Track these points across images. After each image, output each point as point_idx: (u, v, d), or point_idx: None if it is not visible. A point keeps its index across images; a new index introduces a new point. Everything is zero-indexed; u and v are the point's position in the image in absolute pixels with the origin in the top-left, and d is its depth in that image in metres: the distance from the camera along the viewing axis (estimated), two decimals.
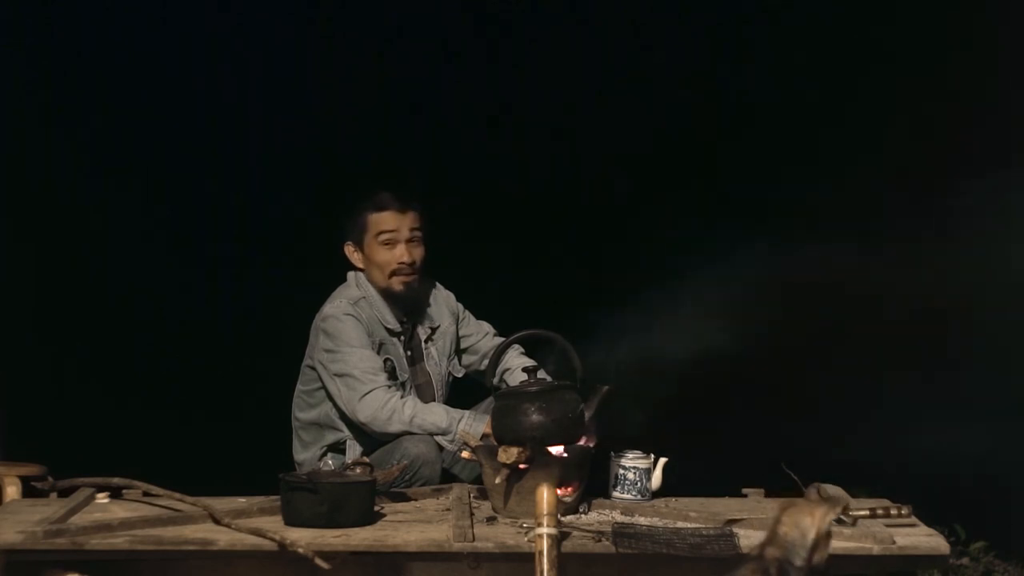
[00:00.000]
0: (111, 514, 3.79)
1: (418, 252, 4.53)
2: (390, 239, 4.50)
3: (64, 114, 5.55)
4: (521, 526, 3.72)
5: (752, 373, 5.41)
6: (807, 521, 3.06)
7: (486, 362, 4.57)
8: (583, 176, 5.86)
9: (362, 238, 4.54)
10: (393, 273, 4.51)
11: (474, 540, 3.58)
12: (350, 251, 4.57)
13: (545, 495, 3.48)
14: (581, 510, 3.94)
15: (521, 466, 3.84)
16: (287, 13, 5.75)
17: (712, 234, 5.36)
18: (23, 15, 5.46)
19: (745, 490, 4.21)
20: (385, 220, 4.51)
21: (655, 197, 5.73)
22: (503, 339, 4.41)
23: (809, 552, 3.05)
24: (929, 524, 3.77)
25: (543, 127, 5.79)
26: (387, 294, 4.53)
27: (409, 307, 4.58)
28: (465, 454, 4.07)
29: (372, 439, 4.40)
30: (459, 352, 4.70)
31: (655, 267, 5.22)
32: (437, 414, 4.34)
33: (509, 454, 3.83)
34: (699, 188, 5.70)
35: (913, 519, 3.77)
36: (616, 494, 4.09)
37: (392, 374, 4.47)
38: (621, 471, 4.10)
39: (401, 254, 4.50)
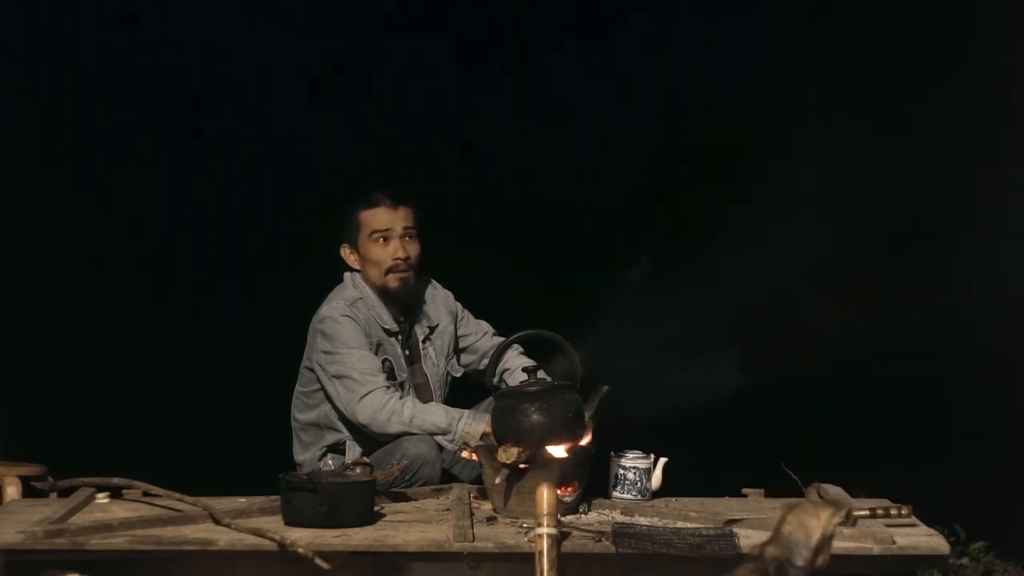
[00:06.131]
0: (111, 514, 3.79)
1: (413, 248, 4.51)
2: (383, 236, 4.48)
3: (63, 116, 5.55)
4: (521, 526, 3.72)
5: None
6: (812, 522, 3.06)
7: (485, 361, 4.57)
8: (582, 176, 5.86)
9: (356, 238, 4.52)
10: (389, 270, 4.48)
11: (474, 540, 3.58)
12: (346, 253, 4.55)
13: (545, 495, 3.48)
14: (581, 510, 3.94)
15: (521, 466, 3.84)
16: (286, 16, 5.76)
17: (708, 239, 5.36)
18: (23, 16, 5.46)
19: (745, 490, 4.20)
20: (377, 217, 4.49)
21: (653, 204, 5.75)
22: (502, 338, 4.40)
23: (812, 553, 3.05)
24: (929, 524, 3.77)
25: (543, 127, 5.80)
26: (384, 292, 4.51)
27: (407, 306, 4.57)
28: (465, 454, 4.07)
29: (371, 439, 4.40)
30: (458, 351, 4.69)
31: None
32: (436, 414, 4.33)
33: (509, 454, 3.83)
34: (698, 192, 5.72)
35: (913, 519, 3.77)
36: (616, 494, 4.09)
37: (391, 374, 4.46)
38: (621, 471, 4.10)
39: (395, 250, 4.47)
